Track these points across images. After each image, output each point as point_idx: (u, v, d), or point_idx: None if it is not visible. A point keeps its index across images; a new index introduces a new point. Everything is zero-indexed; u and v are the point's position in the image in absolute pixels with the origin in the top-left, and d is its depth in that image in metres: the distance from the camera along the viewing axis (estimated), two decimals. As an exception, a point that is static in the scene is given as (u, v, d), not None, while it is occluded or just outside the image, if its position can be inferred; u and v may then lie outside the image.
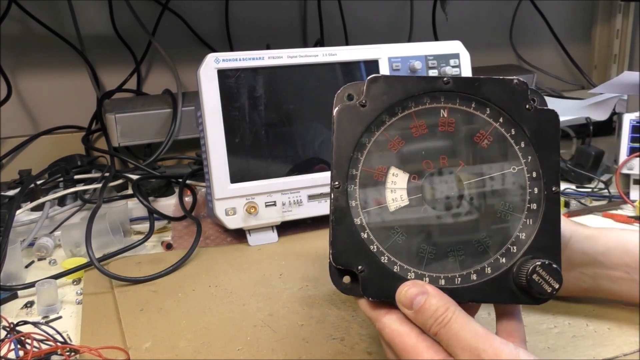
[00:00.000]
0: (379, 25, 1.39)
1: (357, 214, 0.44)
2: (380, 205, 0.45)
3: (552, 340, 0.53)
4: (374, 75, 0.45)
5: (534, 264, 0.42)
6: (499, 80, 0.45)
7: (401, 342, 0.41)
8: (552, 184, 0.45)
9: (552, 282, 0.43)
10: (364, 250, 0.44)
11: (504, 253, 0.44)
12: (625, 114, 0.93)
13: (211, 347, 0.54)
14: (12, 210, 0.75)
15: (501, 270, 0.44)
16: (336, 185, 0.44)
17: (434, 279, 0.44)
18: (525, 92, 0.45)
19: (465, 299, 0.43)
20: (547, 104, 0.46)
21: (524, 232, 0.44)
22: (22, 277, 0.71)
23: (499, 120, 0.45)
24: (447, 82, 0.45)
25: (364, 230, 0.44)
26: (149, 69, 1.20)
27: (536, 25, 1.51)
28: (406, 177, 0.45)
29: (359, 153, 0.45)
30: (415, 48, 0.86)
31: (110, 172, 0.90)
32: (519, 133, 0.45)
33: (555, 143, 0.45)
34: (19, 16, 1.05)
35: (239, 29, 1.24)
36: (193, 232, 0.78)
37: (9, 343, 0.51)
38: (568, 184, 0.99)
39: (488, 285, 0.44)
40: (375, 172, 0.45)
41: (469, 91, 0.45)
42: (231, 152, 0.76)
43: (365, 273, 0.43)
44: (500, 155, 0.45)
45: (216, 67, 0.75)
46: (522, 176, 0.45)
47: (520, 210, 0.45)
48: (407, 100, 0.45)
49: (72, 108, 1.13)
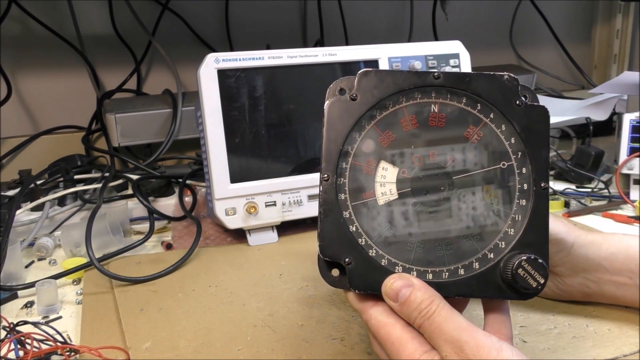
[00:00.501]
0: (379, 25, 1.39)
1: (345, 207, 0.45)
2: (369, 198, 0.45)
3: (552, 341, 0.53)
4: (365, 69, 0.46)
5: (520, 259, 0.43)
6: (489, 76, 0.45)
7: (386, 333, 0.42)
8: (541, 180, 0.45)
9: (538, 277, 0.43)
10: (351, 243, 0.44)
11: (492, 248, 0.44)
12: (625, 114, 0.93)
13: (211, 347, 0.54)
14: (12, 210, 0.75)
15: (488, 265, 0.44)
16: (325, 178, 0.45)
17: (422, 273, 0.44)
18: (516, 88, 0.45)
19: (452, 293, 0.44)
20: (539, 100, 0.46)
21: (513, 228, 0.45)
22: (22, 277, 0.71)
23: (489, 116, 0.45)
24: (438, 76, 0.45)
25: (352, 223, 0.44)
26: (149, 69, 1.20)
27: (536, 25, 1.51)
28: (396, 171, 0.45)
29: (349, 146, 0.45)
30: (415, 48, 0.86)
31: (110, 172, 0.90)
32: (509, 129, 0.45)
33: (545, 139, 0.45)
34: (19, 16, 1.06)
35: (239, 29, 1.24)
36: (193, 232, 0.78)
37: (9, 343, 0.51)
38: (568, 184, 0.99)
39: (475, 280, 0.44)
40: (365, 165, 0.45)
41: (460, 86, 0.45)
42: (231, 152, 0.76)
43: (352, 265, 0.44)
44: (490, 150, 0.45)
45: (216, 67, 0.75)
46: (511, 172, 0.45)
47: (509, 206, 0.45)
48: (398, 94, 0.45)
49: (72, 108, 1.13)
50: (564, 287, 0.57)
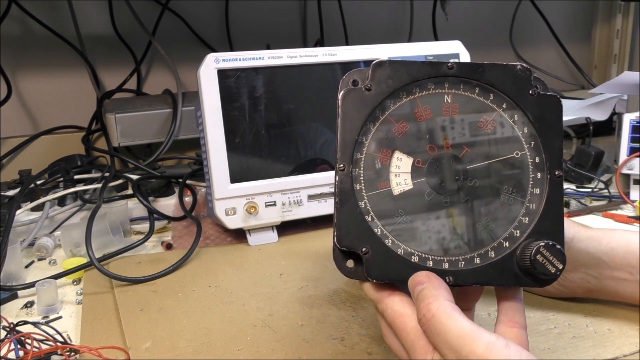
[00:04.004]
0: (379, 25, 1.39)
1: (361, 197, 0.45)
2: (384, 189, 0.45)
3: (552, 341, 0.53)
4: (379, 60, 0.46)
5: (538, 245, 0.43)
6: (502, 66, 0.46)
7: (402, 323, 0.42)
8: (555, 168, 0.45)
9: (556, 263, 0.43)
10: (368, 232, 0.44)
11: (507, 237, 0.45)
12: (625, 114, 0.93)
13: (211, 347, 0.54)
14: (12, 210, 0.75)
15: (504, 254, 0.44)
16: (341, 168, 0.45)
17: (438, 262, 0.44)
18: (528, 78, 0.46)
19: (469, 281, 0.44)
20: (549, 90, 0.46)
21: (527, 217, 0.45)
22: (22, 277, 0.71)
23: (502, 106, 0.46)
24: (452, 67, 0.46)
25: (368, 213, 0.44)
26: (149, 69, 1.20)
27: (536, 25, 1.51)
28: (410, 161, 0.45)
29: (364, 137, 0.45)
30: (415, 48, 0.86)
31: (110, 172, 0.90)
32: (522, 118, 0.46)
33: (559, 128, 0.46)
34: (19, 16, 1.06)
35: (239, 29, 1.24)
36: (193, 232, 0.78)
37: (9, 343, 0.51)
38: (568, 184, 0.99)
39: (492, 268, 0.44)
40: (380, 156, 0.45)
41: (473, 76, 0.46)
42: (231, 152, 0.76)
43: (369, 255, 0.44)
44: (504, 140, 0.46)
45: (216, 67, 0.75)
46: (525, 161, 0.45)
47: (523, 195, 0.45)
48: (412, 85, 0.45)
49: (72, 108, 1.13)
50: (564, 282, 0.57)
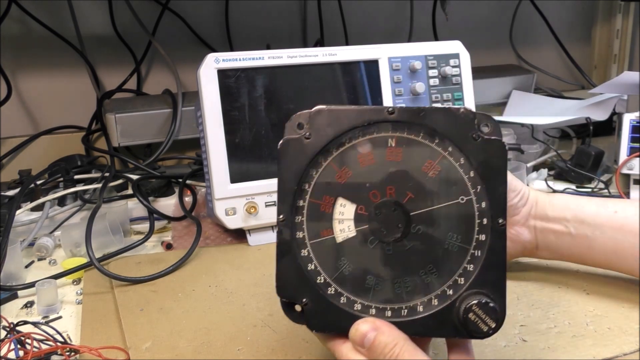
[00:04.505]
0: (379, 25, 1.39)
1: (304, 245, 0.44)
2: (327, 236, 0.44)
3: (552, 340, 0.53)
4: (317, 107, 0.45)
5: (470, 303, 0.42)
6: (444, 110, 0.44)
7: None
8: (498, 216, 0.43)
9: (489, 321, 0.42)
10: (308, 283, 0.44)
11: (451, 285, 0.44)
12: (625, 114, 0.93)
13: (211, 347, 0.54)
14: (12, 210, 0.75)
15: (446, 304, 0.43)
16: (281, 219, 0.44)
17: (381, 310, 0.44)
18: (472, 121, 0.44)
19: (410, 332, 0.43)
20: (501, 132, 0.44)
21: (472, 264, 0.44)
22: (22, 277, 0.71)
23: (447, 149, 0.44)
24: (392, 112, 0.44)
25: (310, 261, 0.44)
26: (149, 69, 1.20)
27: (536, 25, 1.51)
28: (353, 207, 0.45)
29: (306, 184, 0.45)
30: (415, 48, 0.86)
31: (110, 172, 0.90)
32: (468, 162, 0.44)
33: (503, 174, 0.44)
34: (19, 16, 1.05)
35: (239, 29, 1.24)
36: (193, 232, 0.78)
37: (9, 343, 0.51)
38: (568, 184, 0.99)
39: (432, 319, 0.43)
40: (323, 203, 0.45)
41: (415, 121, 0.44)
42: (231, 152, 0.76)
43: (310, 306, 0.44)
44: (449, 185, 0.44)
45: (216, 67, 0.75)
46: (470, 207, 0.44)
47: (468, 242, 0.44)
48: (354, 130, 0.45)
49: (72, 108, 1.12)
50: (517, 239, 0.60)
